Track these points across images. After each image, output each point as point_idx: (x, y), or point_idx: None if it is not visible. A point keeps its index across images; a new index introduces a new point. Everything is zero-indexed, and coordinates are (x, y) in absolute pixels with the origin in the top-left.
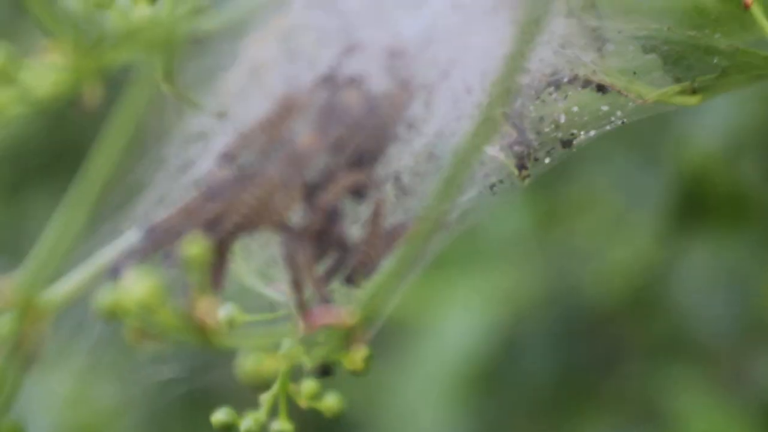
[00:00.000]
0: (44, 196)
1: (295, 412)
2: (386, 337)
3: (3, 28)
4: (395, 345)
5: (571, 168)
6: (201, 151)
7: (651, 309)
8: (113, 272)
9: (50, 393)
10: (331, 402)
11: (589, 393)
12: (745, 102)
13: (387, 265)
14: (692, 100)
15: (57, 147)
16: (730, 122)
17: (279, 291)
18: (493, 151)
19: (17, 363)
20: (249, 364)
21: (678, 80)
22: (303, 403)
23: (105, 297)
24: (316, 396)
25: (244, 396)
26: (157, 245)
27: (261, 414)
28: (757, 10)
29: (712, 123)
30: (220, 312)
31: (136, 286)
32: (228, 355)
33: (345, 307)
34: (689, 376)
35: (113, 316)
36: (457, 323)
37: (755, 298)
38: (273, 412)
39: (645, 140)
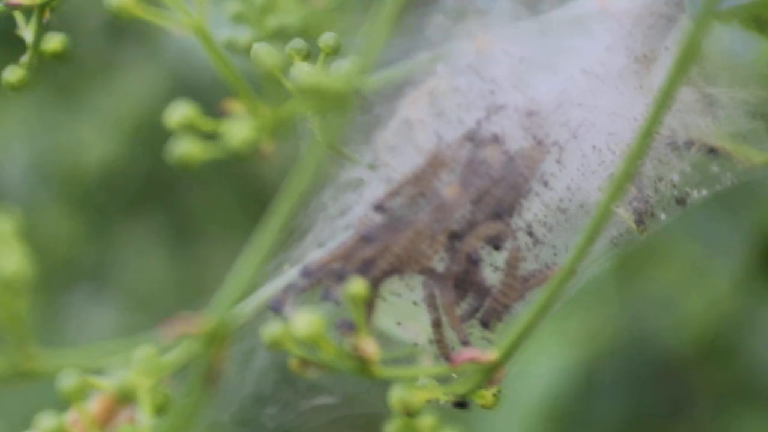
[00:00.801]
0: (133, 228)
1: None
2: None
3: (101, 59)
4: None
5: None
6: (356, 199)
7: (725, 358)
8: (275, 306)
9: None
10: None
11: None
12: None
13: (524, 309)
14: None
15: (147, 182)
16: None
17: (411, 333)
18: (615, 207)
19: (205, 384)
20: (399, 394)
21: None
22: None
23: (273, 329)
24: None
25: None
26: (315, 283)
27: None
28: None
29: None
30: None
31: (302, 321)
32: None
33: (485, 347)
34: (763, 424)
35: (279, 347)
36: (540, 365)
37: None
38: None
39: (723, 191)
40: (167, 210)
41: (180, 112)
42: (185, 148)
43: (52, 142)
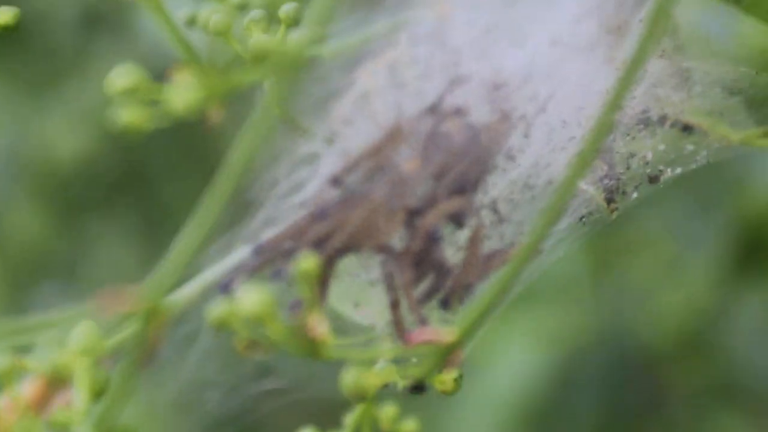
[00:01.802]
0: (105, 222)
1: None
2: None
3: (74, 51)
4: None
5: (626, 211)
6: (310, 174)
7: (702, 354)
8: (224, 286)
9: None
10: (410, 426)
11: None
12: None
13: (484, 289)
14: None
15: (120, 176)
16: None
17: (368, 315)
18: (584, 184)
19: (137, 363)
20: (351, 377)
21: (761, 123)
22: (384, 425)
23: (219, 308)
24: (396, 419)
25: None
26: (267, 262)
27: None
28: None
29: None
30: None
31: (249, 299)
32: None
33: (443, 327)
34: (738, 423)
35: (225, 327)
36: (512, 361)
37: None
38: None
39: (699, 185)
40: (140, 204)
41: (123, 79)
42: (128, 115)
43: (23, 136)
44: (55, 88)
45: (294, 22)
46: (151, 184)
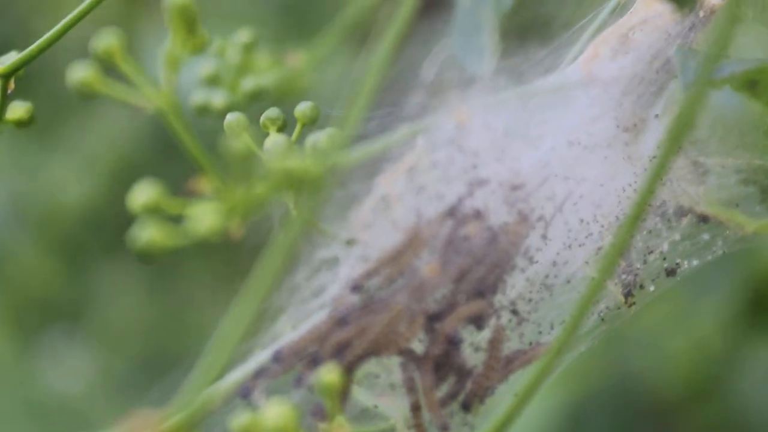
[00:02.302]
0: (110, 267)
1: None
2: None
3: (78, 98)
4: None
5: None
6: (331, 279)
7: (712, 400)
8: (244, 392)
9: None
10: None
11: None
12: None
13: (508, 393)
14: None
15: (126, 221)
16: None
17: (389, 410)
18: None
19: None
20: None
21: None
22: None
23: (242, 418)
24: None
25: None
26: (288, 368)
27: None
28: None
29: None
30: None
31: (273, 412)
32: None
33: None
34: None
35: None
36: (533, 405)
37: None
38: None
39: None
40: None
41: (145, 195)
42: (150, 235)
43: (29, 183)
44: (60, 136)
45: (311, 121)
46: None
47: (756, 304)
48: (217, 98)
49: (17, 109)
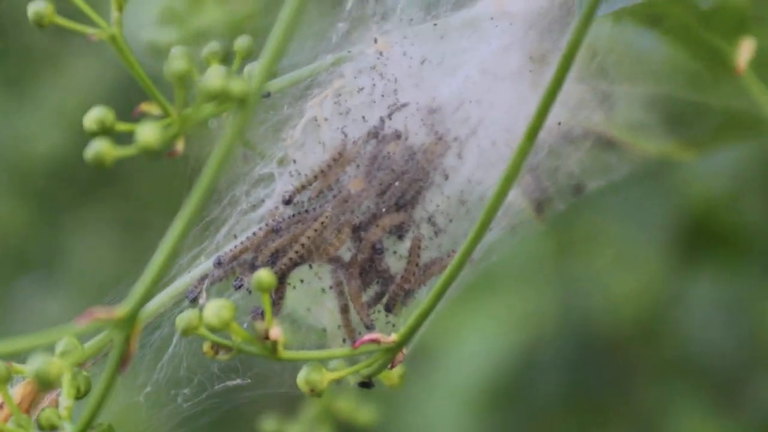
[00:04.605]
0: (82, 217)
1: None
2: (409, 357)
3: (47, 51)
4: (418, 365)
5: (583, 199)
6: (268, 194)
7: (658, 335)
8: (190, 295)
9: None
10: (365, 414)
11: (598, 413)
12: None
13: (423, 294)
14: (689, 155)
15: (96, 172)
16: (734, 161)
17: (321, 319)
18: (514, 197)
19: (115, 367)
20: (306, 375)
21: (677, 137)
22: (343, 415)
23: (186, 317)
24: (354, 410)
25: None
26: (229, 273)
27: (305, 424)
28: (749, 77)
29: (718, 161)
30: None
31: (213, 309)
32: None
33: (389, 330)
34: (693, 398)
35: (193, 332)
36: (477, 345)
37: (756, 325)
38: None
39: (653, 173)
40: (115, 198)
41: (95, 114)
42: (98, 148)
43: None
44: (29, 88)
45: (248, 54)
46: (125, 179)
47: (693, 240)
48: (167, 36)
49: None
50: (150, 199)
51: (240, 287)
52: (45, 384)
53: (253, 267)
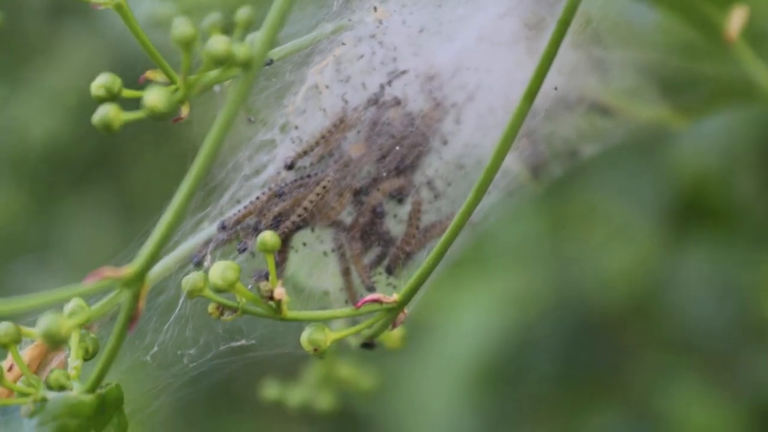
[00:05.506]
0: (79, 201)
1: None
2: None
3: (43, 36)
4: (413, 343)
5: (579, 176)
6: (270, 159)
7: (652, 311)
8: (196, 259)
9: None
10: (366, 381)
11: (592, 390)
12: (738, 119)
13: (423, 256)
14: (682, 122)
15: (93, 157)
16: (726, 136)
17: (323, 283)
18: (511, 161)
19: (124, 325)
20: (309, 334)
21: (670, 103)
22: (344, 380)
23: (193, 277)
24: (354, 376)
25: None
26: (233, 236)
27: (306, 389)
28: (740, 45)
29: (709, 134)
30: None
31: (218, 271)
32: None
33: (390, 292)
34: (687, 374)
35: (198, 294)
36: (471, 323)
37: (748, 301)
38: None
39: (647, 149)
40: (112, 183)
41: (102, 80)
42: (105, 112)
43: None
44: (25, 73)
45: (248, 25)
46: (122, 163)
47: (686, 216)
48: (165, 8)
49: None
50: (145, 183)
51: (244, 250)
52: (54, 342)
53: (256, 231)
